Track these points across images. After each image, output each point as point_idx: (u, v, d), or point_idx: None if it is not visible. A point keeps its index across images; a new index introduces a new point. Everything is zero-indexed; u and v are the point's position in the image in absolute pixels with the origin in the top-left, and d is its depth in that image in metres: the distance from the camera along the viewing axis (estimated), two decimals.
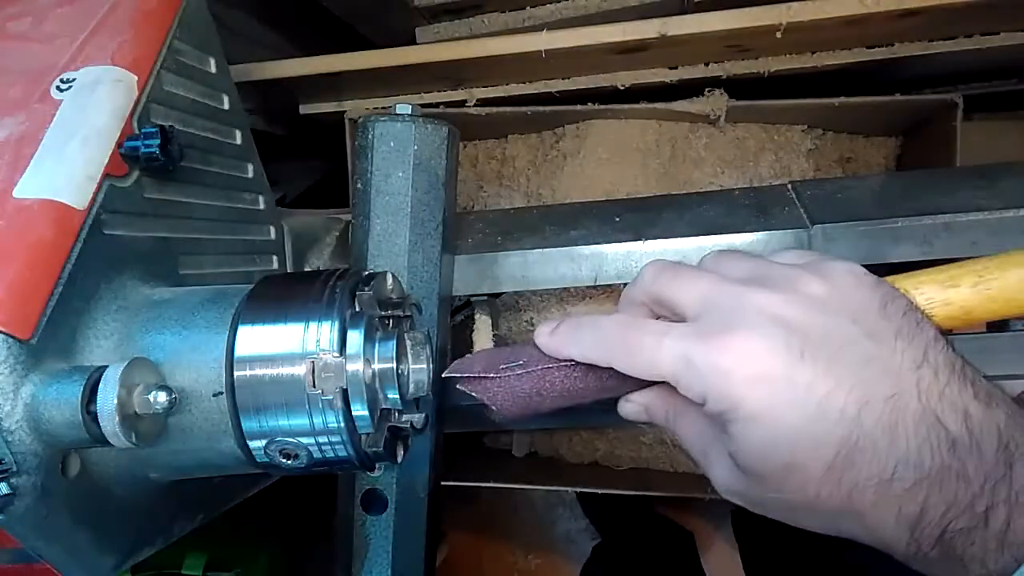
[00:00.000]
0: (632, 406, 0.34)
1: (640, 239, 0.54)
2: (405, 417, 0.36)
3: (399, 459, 0.36)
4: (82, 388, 0.28)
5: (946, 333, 0.28)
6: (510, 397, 0.33)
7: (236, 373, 0.32)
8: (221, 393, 0.32)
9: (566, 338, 0.32)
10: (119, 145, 0.36)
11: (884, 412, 0.25)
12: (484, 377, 0.33)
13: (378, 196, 0.49)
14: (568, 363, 0.32)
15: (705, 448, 0.30)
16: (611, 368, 0.31)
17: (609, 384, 0.32)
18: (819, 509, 0.26)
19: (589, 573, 0.90)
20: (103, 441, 0.28)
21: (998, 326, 0.53)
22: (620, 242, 0.54)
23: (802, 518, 0.27)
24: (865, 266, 0.30)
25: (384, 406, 0.34)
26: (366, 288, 0.33)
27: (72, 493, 0.31)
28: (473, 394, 0.33)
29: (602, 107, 0.71)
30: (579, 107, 0.71)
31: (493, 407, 0.33)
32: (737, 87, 0.68)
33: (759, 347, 0.26)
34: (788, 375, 0.25)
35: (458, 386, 0.34)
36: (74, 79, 0.36)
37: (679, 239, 0.53)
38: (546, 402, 0.33)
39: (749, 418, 0.26)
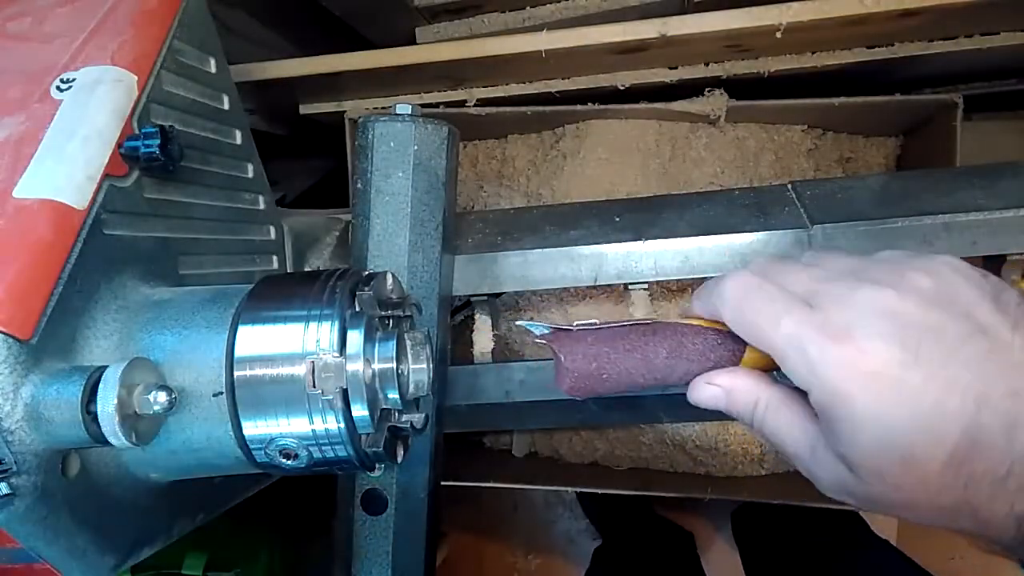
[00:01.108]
0: (713, 390, 0.32)
1: (640, 239, 0.54)
2: (405, 417, 0.36)
3: (399, 459, 0.36)
4: (82, 388, 0.28)
5: None
6: (581, 352, 0.32)
7: (236, 373, 0.32)
8: (221, 393, 0.32)
9: (696, 293, 0.32)
10: (119, 145, 0.36)
11: (1003, 409, 0.25)
12: (558, 328, 0.33)
13: (378, 196, 0.49)
14: (647, 322, 0.32)
15: (809, 445, 0.29)
16: (690, 336, 0.31)
17: (683, 356, 0.32)
18: (935, 504, 0.26)
19: None
20: (103, 441, 0.28)
21: None
22: (620, 242, 0.54)
23: (917, 514, 0.27)
24: None
25: (384, 406, 0.34)
26: (366, 288, 0.33)
27: (72, 493, 0.31)
28: (545, 342, 0.33)
29: (602, 107, 0.71)
30: (579, 107, 0.71)
31: (562, 358, 0.32)
32: (737, 87, 0.68)
33: (875, 345, 0.26)
34: (903, 373, 0.25)
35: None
36: (74, 79, 0.36)
37: (679, 239, 0.53)
38: (615, 365, 0.32)
39: (862, 416, 0.26)
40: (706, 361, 0.32)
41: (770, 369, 0.32)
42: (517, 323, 0.34)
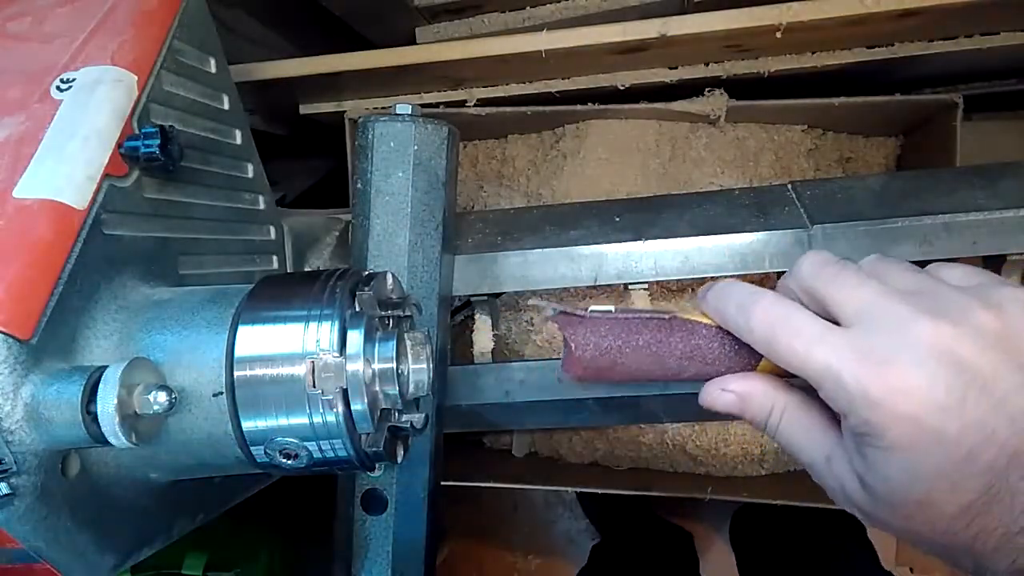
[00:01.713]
0: (728, 397, 0.31)
1: (640, 239, 0.54)
2: (405, 417, 0.36)
3: (399, 459, 0.36)
4: (82, 388, 0.28)
5: None
6: (593, 343, 0.31)
7: (236, 373, 0.32)
8: (221, 393, 0.32)
9: (718, 290, 0.31)
10: (119, 145, 0.36)
11: None
12: (571, 313, 0.32)
13: (378, 196, 0.49)
14: (665, 316, 0.31)
15: (825, 455, 0.29)
16: (707, 338, 0.30)
17: (697, 357, 0.31)
18: (939, 543, 0.26)
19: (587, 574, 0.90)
20: (103, 441, 0.28)
21: None
22: (620, 242, 0.54)
23: (918, 544, 0.27)
24: None
25: (384, 406, 0.34)
26: (366, 288, 0.33)
27: (72, 493, 0.31)
28: (558, 328, 0.32)
29: (602, 107, 0.71)
30: (579, 107, 0.71)
31: (573, 346, 0.31)
32: (737, 87, 0.68)
33: (919, 385, 0.24)
34: (944, 417, 0.24)
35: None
36: (74, 79, 0.36)
37: (679, 239, 0.53)
38: (627, 359, 0.31)
39: (892, 449, 0.25)
40: (720, 366, 0.31)
41: (788, 376, 0.31)
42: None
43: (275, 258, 0.54)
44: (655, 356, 0.31)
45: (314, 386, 0.31)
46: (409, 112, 0.49)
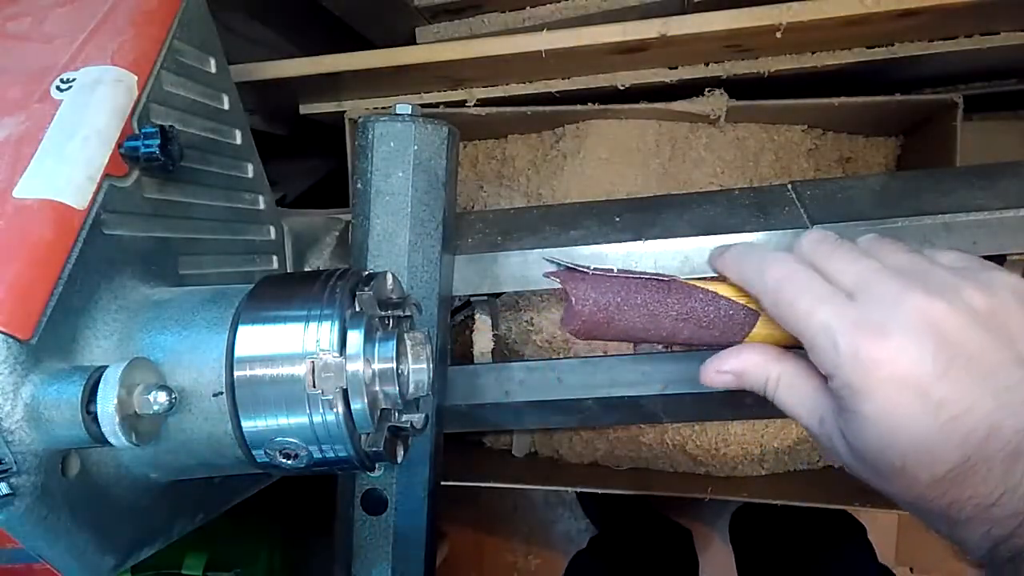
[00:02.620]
0: (724, 377, 0.32)
1: (640, 239, 0.54)
2: (405, 417, 0.36)
3: (399, 459, 0.36)
4: (82, 388, 0.28)
5: None
6: (593, 299, 0.32)
7: (236, 373, 0.32)
8: (221, 393, 0.32)
9: (739, 248, 0.32)
10: (119, 145, 0.36)
11: (1011, 441, 0.24)
12: (574, 269, 0.33)
13: (378, 196, 0.49)
14: (665, 278, 0.32)
15: (818, 417, 0.30)
16: (703, 302, 0.31)
17: (692, 319, 0.32)
18: (916, 506, 0.27)
19: (580, 560, 0.90)
20: (103, 441, 0.28)
21: None
22: (620, 242, 0.54)
23: (900, 503, 0.28)
24: None
25: (384, 406, 0.34)
26: (366, 288, 0.33)
27: (72, 493, 0.31)
28: (559, 284, 0.33)
29: (602, 107, 0.71)
30: (579, 107, 0.71)
31: (573, 300, 0.32)
32: (737, 87, 0.68)
33: (907, 353, 0.25)
34: (925, 387, 0.25)
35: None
36: (74, 79, 0.36)
37: (679, 239, 0.53)
38: (624, 317, 0.32)
39: (872, 415, 0.26)
40: (714, 329, 0.32)
41: (781, 344, 0.32)
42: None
43: (275, 258, 0.54)
44: (651, 315, 0.32)
45: (314, 386, 0.31)
46: (409, 112, 0.49)
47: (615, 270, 0.33)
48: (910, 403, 0.25)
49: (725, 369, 0.32)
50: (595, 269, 0.33)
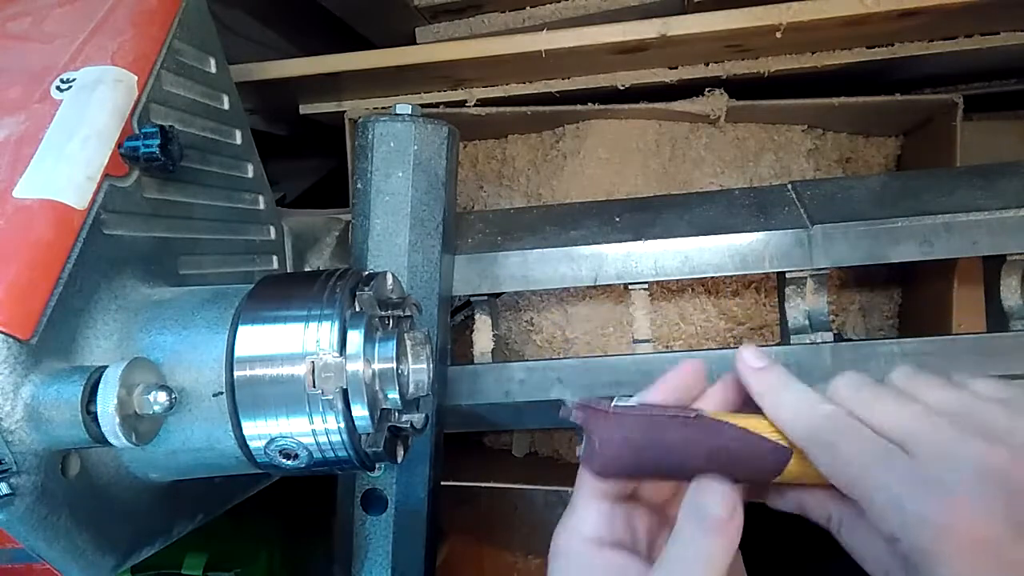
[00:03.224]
0: (786, 502, 0.32)
1: (640, 239, 0.54)
2: (405, 417, 0.36)
3: (399, 459, 0.36)
4: (82, 388, 0.28)
5: None
6: (617, 439, 0.30)
7: (236, 373, 0.32)
8: (221, 393, 0.32)
9: (766, 383, 0.30)
10: (119, 145, 0.36)
11: None
12: (595, 408, 0.31)
13: (378, 196, 0.49)
14: (691, 415, 0.30)
15: (883, 569, 0.29)
16: (734, 440, 0.29)
17: (723, 459, 0.30)
18: None
19: None
20: (103, 441, 0.28)
21: (998, 326, 0.53)
22: (620, 242, 0.54)
23: None
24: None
25: (384, 406, 0.34)
26: (366, 288, 0.33)
27: (72, 493, 0.31)
28: (579, 422, 0.31)
29: (602, 107, 0.71)
30: (579, 107, 0.71)
31: (598, 444, 0.30)
32: (737, 87, 0.68)
33: (977, 514, 0.24)
34: (1001, 549, 0.24)
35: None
36: (74, 79, 0.36)
37: (679, 239, 0.53)
38: (651, 456, 0.30)
39: None
40: (746, 467, 0.30)
41: (816, 483, 0.30)
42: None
43: (275, 258, 0.54)
44: (679, 454, 0.30)
45: (314, 386, 0.31)
46: (409, 112, 0.49)
47: (636, 404, 0.31)
48: (986, 567, 0.24)
49: (789, 497, 0.31)
50: (615, 406, 0.31)
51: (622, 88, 0.68)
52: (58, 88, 0.36)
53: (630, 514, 0.32)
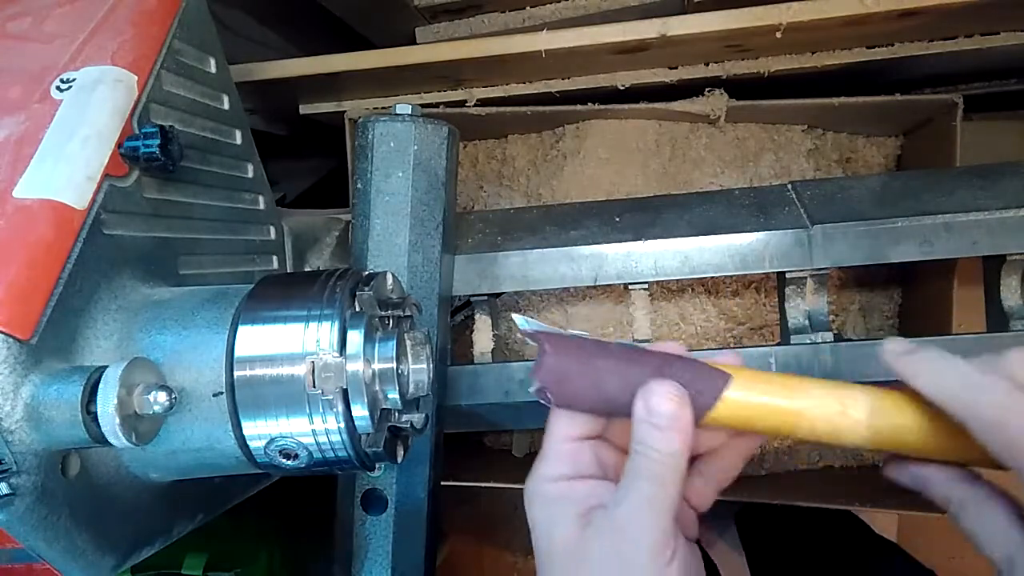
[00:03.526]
0: (908, 477, 0.31)
1: (640, 239, 0.54)
2: (405, 417, 0.36)
3: (399, 459, 0.36)
4: (82, 388, 0.28)
5: None
6: (566, 349, 0.31)
7: (236, 373, 0.32)
8: (221, 393, 0.32)
9: (924, 360, 0.30)
10: (119, 145, 0.36)
11: None
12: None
13: (378, 196, 0.49)
14: (636, 346, 0.31)
15: (1008, 556, 0.28)
16: (678, 366, 0.30)
17: (668, 379, 0.30)
18: None
19: None
20: (103, 441, 0.28)
21: (998, 326, 0.53)
22: (620, 242, 0.54)
23: None
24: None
25: (384, 406, 0.34)
26: (366, 288, 0.33)
27: (72, 493, 0.31)
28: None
29: (602, 107, 0.71)
30: (579, 107, 0.71)
31: (548, 349, 0.30)
32: (737, 87, 0.68)
33: None
34: None
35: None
36: (74, 79, 0.36)
37: (679, 239, 0.53)
38: (596, 369, 0.30)
39: None
40: (690, 390, 0.30)
41: (955, 459, 0.30)
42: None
43: (275, 258, 0.54)
44: (624, 373, 0.30)
45: (314, 386, 0.31)
46: (409, 112, 0.49)
47: (587, 335, 0.32)
48: None
49: (915, 471, 0.31)
50: (570, 333, 0.32)
51: (622, 88, 0.68)
52: (58, 88, 0.36)
53: (599, 452, 0.33)
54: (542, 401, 0.31)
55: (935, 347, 0.30)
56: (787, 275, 0.53)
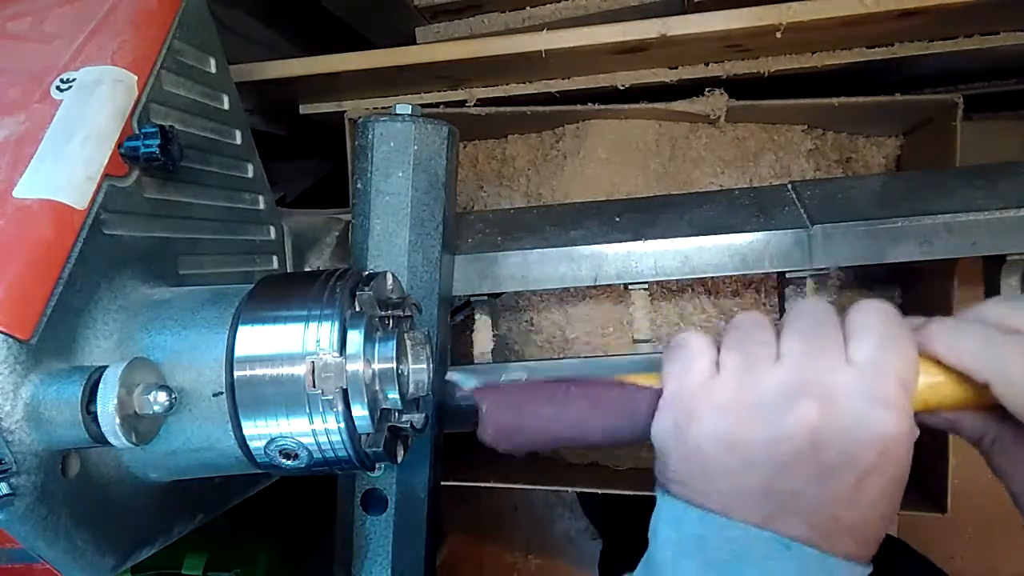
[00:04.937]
0: (940, 419, 0.31)
1: (640, 239, 0.54)
2: (405, 417, 0.36)
3: (399, 459, 0.36)
4: (82, 388, 0.28)
5: None
6: (504, 403, 0.33)
7: (236, 373, 0.32)
8: (221, 393, 0.32)
9: (942, 327, 0.30)
10: (119, 145, 0.36)
11: None
12: (485, 387, 0.34)
13: (378, 196, 0.49)
14: (572, 379, 0.33)
15: None
16: (606, 387, 0.32)
17: (602, 409, 0.33)
18: None
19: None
20: (103, 441, 0.28)
21: None
22: (620, 242, 0.54)
23: None
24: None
25: (384, 406, 0.34)
26: (366, 288, 0.33)
27: (72, 493, 0.31)
28: (471, 396, 0.34)
29: (602, 107, 0.71)
30: (579, 107, 0.71)
31: (484, 408, 0.33)
32: (737, 87, 0.68)
33: None
34: None
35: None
36: (74, 79, 0.36)
37: (679, 239, 0.53)
38: (535, 418, 0.33)
39: None
40: (623, 414, 0.32)
41: (965, 404, 0.30)
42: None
43: (275, 258, 0.54)
44: (560, 411, 0.33)
45: (314, 386, 0.31)
46: (409, 112, 0.49)
47: (524, 378, 0.35)
48: None
49: (942, 413, 0.31)
50: (505, 380, 0.35)
51: (622, 88, 0.68)
52: (58, 88, 0.36)
53: None
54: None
55: (942, 317, 0.31)
56: (787, 275, 0.53)
